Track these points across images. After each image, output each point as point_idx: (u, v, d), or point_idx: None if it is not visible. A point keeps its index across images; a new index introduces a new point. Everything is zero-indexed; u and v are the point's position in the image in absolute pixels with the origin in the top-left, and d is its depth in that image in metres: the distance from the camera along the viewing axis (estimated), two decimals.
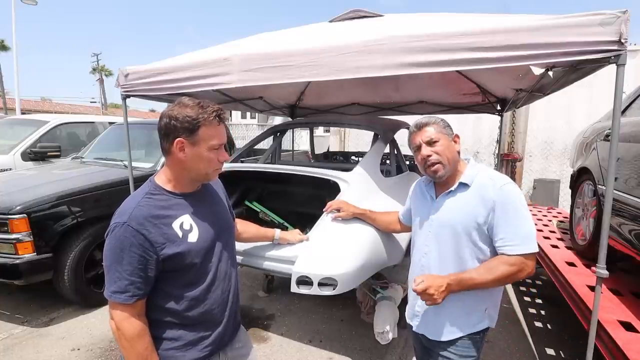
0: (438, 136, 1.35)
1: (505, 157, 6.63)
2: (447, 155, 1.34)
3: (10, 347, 2.59)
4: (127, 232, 1.02)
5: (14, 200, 2.76)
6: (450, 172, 1.37)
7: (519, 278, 1.27)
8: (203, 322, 1.16)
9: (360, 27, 2.26)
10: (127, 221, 1.02)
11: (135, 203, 1.07)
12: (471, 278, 1.26)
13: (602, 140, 2.59)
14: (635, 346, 1.57)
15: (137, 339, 1.04)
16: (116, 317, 1.04)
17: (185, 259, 1.09)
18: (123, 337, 1.04)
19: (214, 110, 1.09)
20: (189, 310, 1.12)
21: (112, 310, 1.05)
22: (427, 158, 1.35)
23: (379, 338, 2.27)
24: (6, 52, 27.28)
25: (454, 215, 1.34)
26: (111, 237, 1.04)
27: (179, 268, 1.09)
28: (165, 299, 1.11)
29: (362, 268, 1.90)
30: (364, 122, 3.56)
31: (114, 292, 1.02)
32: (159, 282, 1.09)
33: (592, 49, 1.41)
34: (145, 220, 1.04)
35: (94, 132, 5.55)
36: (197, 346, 1.14)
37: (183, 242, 1.08)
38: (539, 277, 4.01)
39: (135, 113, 33.76)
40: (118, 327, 1.04)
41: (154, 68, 2.43)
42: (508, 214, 1.25)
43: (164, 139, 1.10)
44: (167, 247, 1.05)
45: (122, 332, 1.03)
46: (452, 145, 1.37)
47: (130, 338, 1.03)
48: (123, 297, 1.02)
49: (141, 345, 1.05)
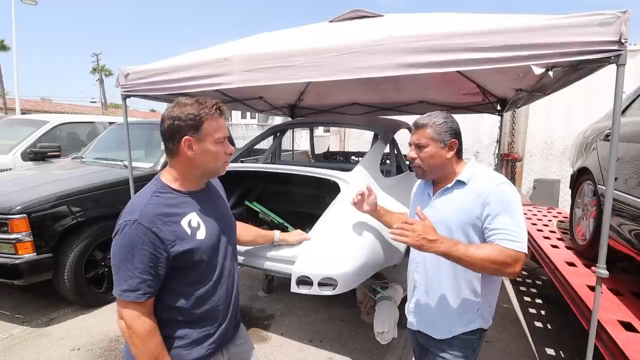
0: (427, 142, 1.35)
1: (505, 157, 6.62)
2: (429, 163, 1.36)
3: (10, 347, 2.59)
4: (138, 230, 1.01)
5: (14, 200, 2.76)
6: (432, 175, 1.41)
7: (505, 272, 1.21)
8: (208, 319, 1.17)
9: (361, 27, 2.26)
10: (137, 219, 1.02)
11: (144, 201, 1.07)
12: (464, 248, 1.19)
13: (602, 140, 2.59)
14: (635, 346, 1.57)
15: (150, 337, 1.04)
16: (127, 316, 1.03)
17: (194, 256, 1.10)
18: (135, 335, 1.03)
19: (213, 104, 1.11)
20: (195, 307, 1.13)
21: (122, 310, 1.04)
22: (412, 159, 1.41)
23: (379, 338, 2.27)
24: (6, 52, 27.34)
25: (449, 213, 1.35)
26: (121, 235, 1.03)
27: (188, 265, 1.10)
28: (173, 297, 1.11)
29: (362, 268, 1.91)
30: (364, 122, 3.57)
31: (125, 290, 1.01)
32: (167, 280, 1.09)
33: (592, 49, 1.41)
34: (155, 218, 1.04)
35: (94, 132, 5.56)
36: (203, 344, 1.15)
37: (192, 240, 1.09)
38: (539, 277, 4.01)
39: (135, 113, 33.72)
40: (129, 326, 1.03)
41: (154, 68, 2.43)
42: (502, 211, 1.25)
43: (169, 140, 1.10)
44: (178, 245, 1.06)
45: (134, 330, 1.03)
46: (439, 153, 1.35)
47: (143, 337, 1.03)
48: (135, 296, 1.01)
49: (153, 343, 1.05)
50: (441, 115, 1.39)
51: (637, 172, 1.98)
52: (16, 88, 13.34)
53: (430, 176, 1.42)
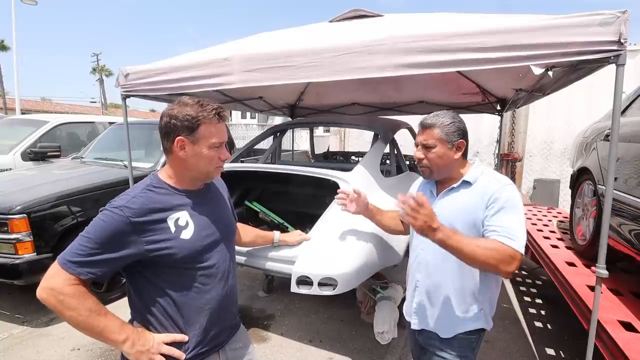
0: (435, 143, 1.34)
1: (505, 157, 6.62)
2: (437, 163, 1.36)
3: (10, 347, 2.59)
4: (118, 217, 1.00)
5: (13, 200, 2.76)
6: (439, 176, 1.41)
7: (502, 269, 1.18)
8: (199, 322, 1.14)
9: (361, 27, 2.26)
10: (122, 207, 1.01)
11: (135, 193, 1.07)
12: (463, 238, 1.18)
13: (602, 140, 2.59)
14: (635, 346, 1.57)
15: (86, 296, 0.98)
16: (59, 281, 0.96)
17: (176, 254, 1.07)
18: (69, 297, 0.96)
19: (213, 109, 1.10)
20: (183, 309, 1.11)
21: (55, 275, 0.97)
22: (419, 160, 1.40)
23: (379, 338, 2.27)
24: (6, 52, 27.34)
25: (454, 213, 1.34)
26: (103, 214, 1.02)
27: (170, 264, 1.08)
28: (161, 299, 1.09)
29: (362, 268, 1.91)
30: (364, 122, 3.57)
31: (72, 262, 0.97)
32: (148, 277, 1.08)
33: (592, 49, 1.41)
34: (140, 210, 1.03)
35: (94, 132, 5.56)
36: (193, 347, 1.13)
37: (174, 238, 1.07)
38: (539, 277, 4.01)
39: (135, 113, 33.74)
40: (61, 291, 0.95)
41: (154, 68, 2.43)
42: (504, 210, 1.25)
43: (164, 138, 1.10)
44: (157, 241, 1.04)
45: (67, 293, 0.95)
46: (447, 154, 1.35)
47: (77, 296, 0.97)
48: (78, 271, 0.97)
49: (92, 300, 0.99)
50: (449, 115, 1.37)
51: (637, 172, 1.98)
52: (16, 88, 13.34)
53: (437, 177, 1.42)
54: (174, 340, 1.10)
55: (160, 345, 1.07)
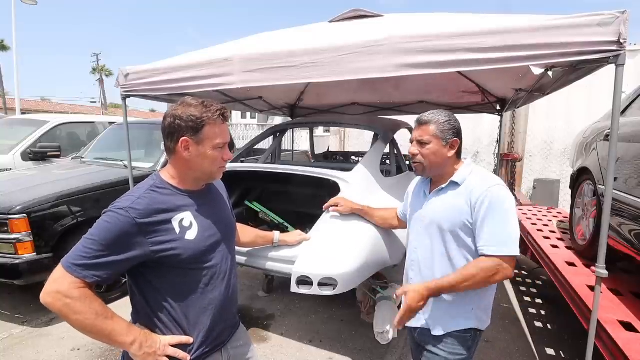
0: (430, 139, 1.37)
1: (505, 157, 6.62)
2: (431, 160, 1.38)
3: (10, 347, 2.60)
4: (124, 219, 0.99)
5: (14, 200, 2.76)
6: (431, 173, 1.43)
7: (496, 280, 1.28)
8: (202, 323, 1.15)
9: (361, 28, 2.26)
10: (126, 207, 1.01)
11: (139, 194, 1.06)
12: (450, 285, 1.29)
13: (602, 140, 2.59)
14: (635, 346, 1.57)
15: (93, 299, 0.97)
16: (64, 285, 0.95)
17: (181, 255, 1.07)
18: (75, 301, 0.95)
19: (217, 109, 1.10)
20: (187, 309, 1.12)
21: (60, 278, 0.96)
22: (414, 156, 1.42)
23: (379, 338, 2.27)
24: (6, 52, 27.32)
25: (441, 213, 1.37)
26: (107, 216, 1.01)
27: (175, 265, 1.08)
28: (166, 302, 1.10)
29: (362, 268, 1.91)
30: (364, 122, 3.56)
31: (77, 265, 0.96)
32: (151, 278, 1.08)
33: (592, 49, 1.41)
34: (145, 211, 1.03)
35: (94, 132, 5.56)
36: (197, 347, 1.14)
37: (179, 239, 1.08)
38: (539, 277, 4.01)
39: (135, 113, 33.71)
40: (67, 294, 0.94)
41: (154, 68, 2.43)
42: (491, 214, 1.27)
43: (168, 138, 1.10)
44: (162, 242, 1.04)
45: (73, 297, 0.94)
46: (441, 151, 1.37)
47: (84, 299, 0.96)
48: (84, 274, 0.96)
49: (98, 303, 0.98)
50: (444, 114, 1.40)
51: (637, 172, 1.98)
52: (16, 88, 13.34)
53: (430, 173, 1.44)
54: (179, 342, 1.10)
55: (166, 347, 1.08)
